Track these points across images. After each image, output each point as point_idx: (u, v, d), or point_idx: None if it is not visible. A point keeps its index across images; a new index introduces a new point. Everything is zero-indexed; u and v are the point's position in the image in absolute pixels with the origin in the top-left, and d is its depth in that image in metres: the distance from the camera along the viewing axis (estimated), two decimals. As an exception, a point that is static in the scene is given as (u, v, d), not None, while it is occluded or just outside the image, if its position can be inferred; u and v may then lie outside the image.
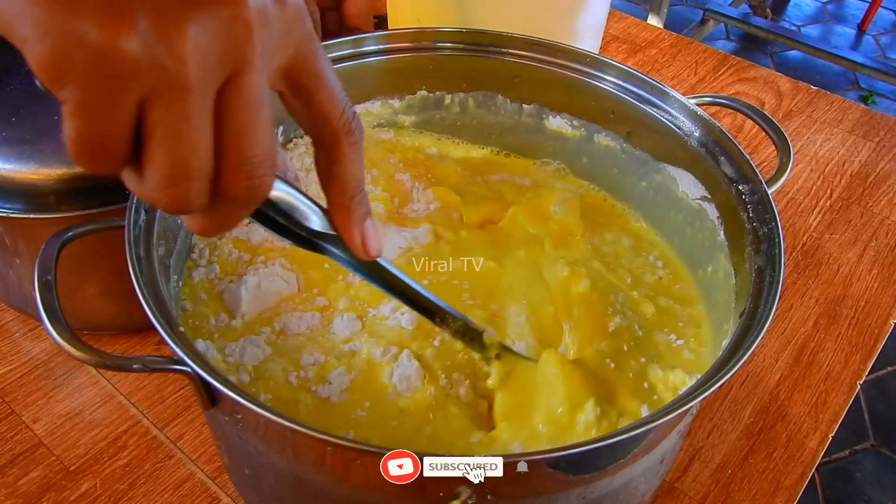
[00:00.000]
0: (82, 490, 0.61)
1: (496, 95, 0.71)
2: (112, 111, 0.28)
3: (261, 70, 0.31)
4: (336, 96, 0.37)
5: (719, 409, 0.68)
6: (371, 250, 0.41)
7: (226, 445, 0.53)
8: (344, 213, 0.39)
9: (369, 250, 0.40)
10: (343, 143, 0.37)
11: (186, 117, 0.29)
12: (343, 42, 0.65)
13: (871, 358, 0.73)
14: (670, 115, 0.61)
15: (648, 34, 1.14)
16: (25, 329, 0.72)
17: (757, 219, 0.53)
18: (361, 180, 0.39)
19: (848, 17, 3.26)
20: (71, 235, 0.49)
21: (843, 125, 1.00)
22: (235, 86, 0.30)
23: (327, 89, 0.36)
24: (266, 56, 0.31)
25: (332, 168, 0.38)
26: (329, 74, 0.36)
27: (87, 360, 0.43)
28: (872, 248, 0.84)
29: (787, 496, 0.62)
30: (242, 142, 0.31)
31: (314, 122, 0.37)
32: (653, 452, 0.47)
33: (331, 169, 0.38)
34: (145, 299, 0.44)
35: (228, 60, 0.30)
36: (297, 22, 0.34)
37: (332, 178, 0.39)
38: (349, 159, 0.38)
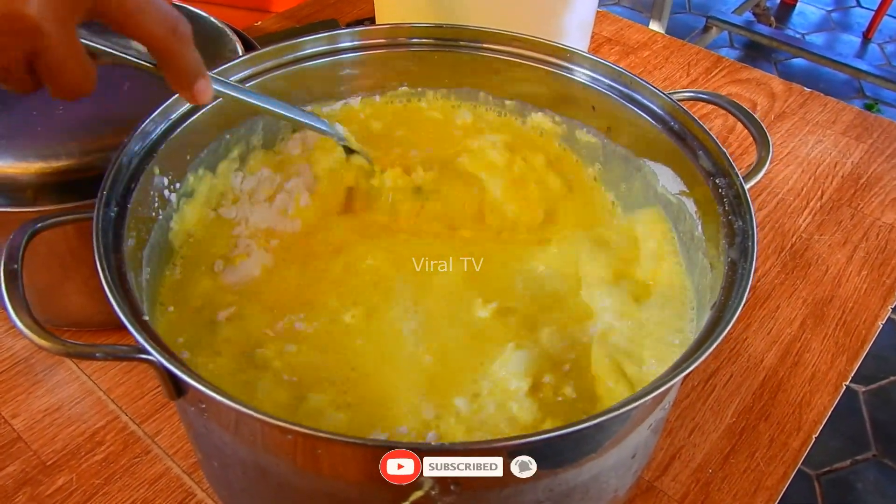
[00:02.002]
0: (58, 485, 0.61)
1: (478, 92, 0.70)
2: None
3: (56, 45, 0.42)
4: (151, 16, 0.45)
5: (702, 409, 0.67)
6: (202, 101, 0.51)
7: (195, 438, 0.53)
8: (177, 87, 0.50)
9: (200, 102, 0.51)
10: (170, 50, 0.47)
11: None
12: (318, 38, 0.65)
13: (857, 359, 0.72)
14: (649, 110, 0.61)
15: (641, 36, 1.14)
16: (7, 325, 0.72)
17: (733, 212, 0.53)
18: (190, 64, 0.49)
19: (853, 25, 3.25)
20: (40, 227, 0.49)
21: (836, 127, 0.99)
22: (40, 60, 0.42)
23: (139, 14, 0.44)
24: (60, 25, 0.41)
25: (168, 66, 0.48)
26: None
27: (49, 349, 0.43)
28: (862, 249, 0.83)
29: (768, 496, 0.61)
30: (52, 79, 0.44)
31: (141, 41, 0.46)
32: (622, 446, 0.47)
33: (168, 67, 0.48)
34: (109, 286, 0.44)
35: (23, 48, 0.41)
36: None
37: (169, 72, 0.48)
38: (179, 58, 0.48)
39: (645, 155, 0.63)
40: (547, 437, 0.39)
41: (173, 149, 0.57)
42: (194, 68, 0.49)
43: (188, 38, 0.48)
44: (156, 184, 0.57)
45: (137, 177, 0.53)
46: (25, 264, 0.46)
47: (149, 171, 0.55)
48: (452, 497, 0.42)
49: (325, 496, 0.46)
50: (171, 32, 0.46)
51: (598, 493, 0.50)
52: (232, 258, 0.61)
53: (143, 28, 0.45)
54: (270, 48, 0.63)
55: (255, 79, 0.63)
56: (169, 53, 0.47)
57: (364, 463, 0.42)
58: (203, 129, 0.60)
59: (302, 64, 0.65)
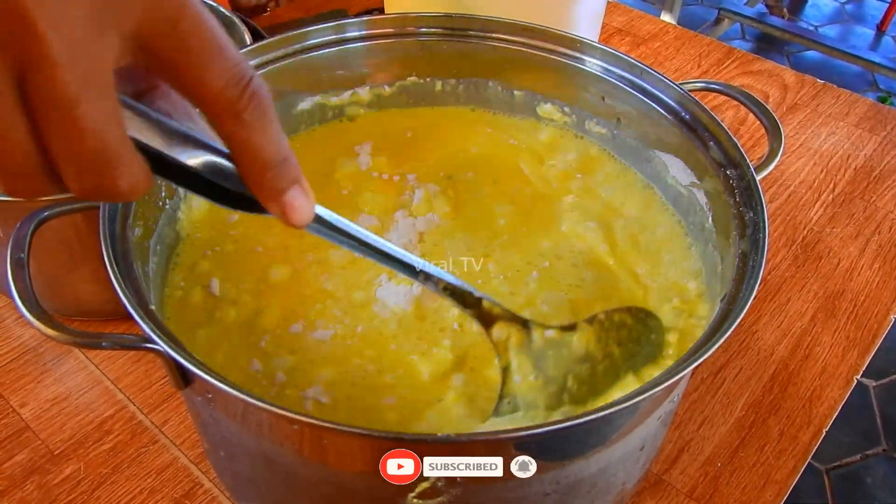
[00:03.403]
0: (66, 473, 0.61)
1: (487, 82, 0.70)
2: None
3: (65, 63, 0.26)
4: (214, 61, 0.30)
5: (711, 402, 0.67)
6: (295, 223, 0.35)
7: (202, 427, 0.53)
8: (258, 189, 0.33)
9: (292, 223, 0.35)
10: (236, 118, 0.31)
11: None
12: (326, 28, 0.64)
13: (868, 353, 0.71)
14: (659, 100, 0.60)
15: (652, 27, 1.13)
16: (16, 315, 0.72)
17: (744, 203, 0.52)
18: (275, 152, 0.32)
19: (867, 17, 3.21)
20: (47, 215, 0.49)
21: (849, 119, 0.98)
22: (32, 83, 0.26)
23: (199, 54, 0.29)
24: (76, 43, 0.26)
25: (231, 144, 0.32)
26: (204, 33, 0.29)
27: (56, 337, 0.43)
28: (875, 242, 0.82)
29: (778, 490, 0.61)
30: (61, 141, 0.27)
31: (192, 97, 0.31)
32: (630, 438, 0.46)
33: (231, 144, 0.32)
34: (114, 275, 0.43)
35: (8, 58, 0.25)
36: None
37: (234, 152, 0.32)
38: (250, 132, 0.31)
39: (655, 146, 0.63)
40: (553, 428, 0.38)
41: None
42: (283, 166, 0.33)
43: (268, 109, 0.32)
44: (163, 173, 0.56)
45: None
46: (35, 254, 0.46)
47: (156, 160, 0.54)
48: (459, 489, 0.42)
49: (331, 486, 0.45)
50: (242, 86, 0.30)
51: (605, 485, 0.50)
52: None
53: (206, 78, 0.30)
54: (278, 37, 0.63)
55: (262, 68, 0.62)
56: (246, 129, 0.31)
57: (370, 453, 0.41)
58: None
59: (310, 53, 0.65)
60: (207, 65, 0.29)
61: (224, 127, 0.31)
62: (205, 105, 0.30)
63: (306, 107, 0.68)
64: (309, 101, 0.68)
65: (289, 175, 0.33)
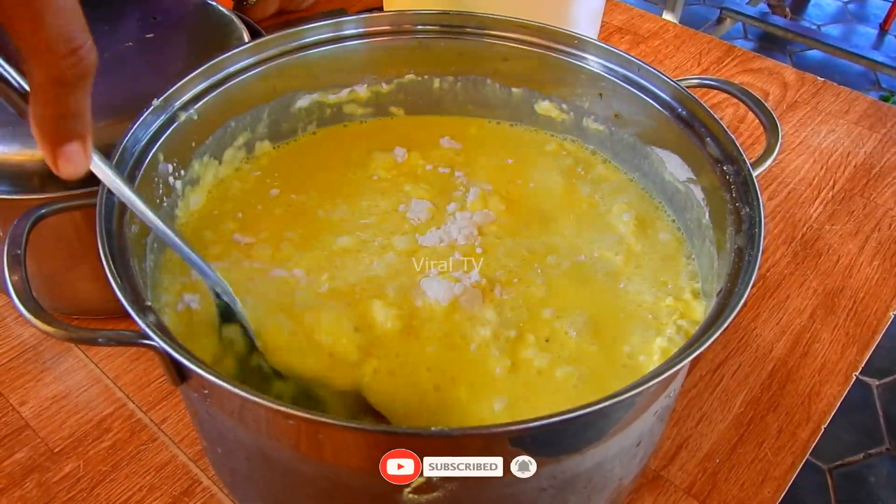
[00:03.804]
0: (65, 471, 0.61)
1: (486, 79, 0.70)
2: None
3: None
4: (52, 26, 0.31)
5: (709, 398, 0.67)
6: (65, 174, 0.37)
7: (199, 424, 0.53)
8: (44, 145, 0.36)
9: (60, 172, 0.37)
10: (61, 79, 0.33)
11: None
12: (323, 26, 0.64)
13: (867, 350, 0.71)
14: (656, 97, 0.60)
15: (652, 25, 1.13)
16: (16, 314, 0.73)
17: (740, 199, 0.52)
18: (78, 117, 0.35)
19: (870, 16, 3.21)
20: (44, 212, 0.49)
21: (850, 116, 0.98)
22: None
23: (32, 20, 0.31)
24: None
25: (38, 102, 0.34)
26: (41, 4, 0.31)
27: (52, 333, 0.43)
28: (874, 239, 0.82)
29: (776, 486, 0.61)
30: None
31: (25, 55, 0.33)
32: (626, 433, 0.46)
33: (37, 104, 0.34)
34: (111, 271, 0.44)
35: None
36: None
37: (37, 112, 0.35)
38: (68, 95, 0.34)
39: (652, 142, 0.63)
40: (548, 422, 0.38)
41: (178, 135, 0.57)
42: (73, 121, 0.35)
43: (86, 75, 0.34)
44: (160, 171, 0.56)
45: (141, 163, 0.53)
46: (35, 252, 0.46)
47: (153, 157, 0.54)
48: (455, 483, 0.42)
49: (328, 482, 0.46)
50: (69, 56, 0.32)
51: (602, 481, 0.50)
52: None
53: (36, 37, 0.32)
54: (276, 35, 0.63)
55: (260, 66, 0.63)
56: (56, 84, 0.33)
57: (366, 449, 0.41)
58: (208, 116, 0.60)
59: (307, 51, 0.65)
60: (45, 25, 0.31)
61: (40, 83, 0.33)
62: (30, 60, 0.33)
63: (304, 104, 0.68)
64: (307, 98, 0.68)
65: (71, 130, 0.36)
